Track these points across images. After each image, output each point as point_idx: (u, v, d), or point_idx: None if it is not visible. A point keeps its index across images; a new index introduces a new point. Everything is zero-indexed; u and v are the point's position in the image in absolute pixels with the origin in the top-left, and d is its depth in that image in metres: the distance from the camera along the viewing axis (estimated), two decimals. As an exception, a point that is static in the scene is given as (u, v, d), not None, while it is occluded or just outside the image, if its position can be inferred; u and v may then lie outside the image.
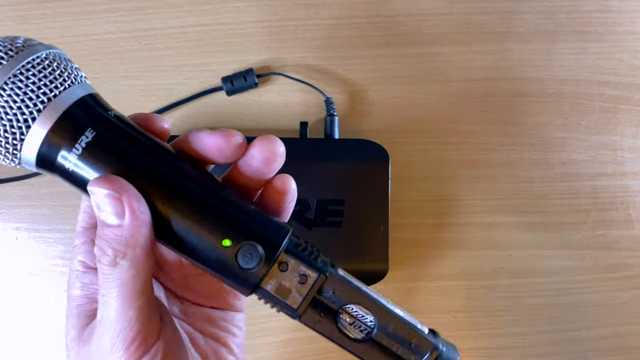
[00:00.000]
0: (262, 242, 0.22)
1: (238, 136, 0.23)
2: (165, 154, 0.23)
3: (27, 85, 0.21)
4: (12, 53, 0.21)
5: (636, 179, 0.48)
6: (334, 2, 0.47)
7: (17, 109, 0.21)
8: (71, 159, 0.21)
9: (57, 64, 0.22)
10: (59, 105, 0.21)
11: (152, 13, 0.47)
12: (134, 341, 0.22)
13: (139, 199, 0.21)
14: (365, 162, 0.44)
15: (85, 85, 0.23)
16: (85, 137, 0.21)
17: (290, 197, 0.25)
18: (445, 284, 0.47)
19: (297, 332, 0.46)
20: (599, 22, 0.48)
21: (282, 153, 0.24)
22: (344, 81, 0.47)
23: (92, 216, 0.25)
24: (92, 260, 0.25)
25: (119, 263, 0.22)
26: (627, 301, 0.48)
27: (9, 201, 0.46)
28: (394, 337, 0.23)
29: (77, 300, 0.25)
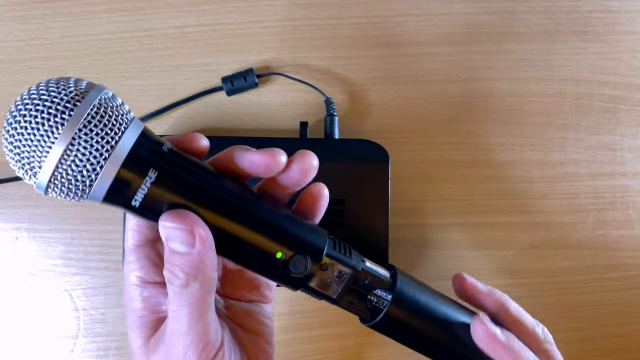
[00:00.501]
0: (308, 251, 0.26)
1: (284, 155, 0.26)
2: (217, 179, 0.26)
3: (92, 137, 0.22)
4: (71, 105, 0.22)
5: (636, 179, 0.48)
6: (334, 2, 0.47)
7: (86, 161, 0.22)
8: (138, 197, 0.24)
9: (110, 109, 0.23)
10: (121, 152, 0.23)
11: (152, 13, 0.47)
12: (204, 351, 0.25)
13: (205, 229, 0.24)
14: (365, 162, 0.44)
15: (135, 123, 0.24)
16: (150, 178, 0.23)
17: (324, 202, 0.29)
18: (445, 284, 0.47)
19: (297, 332, 0.46)
20: (599, 22, 0.48)
21: (316, 166, 0.28)
22: (344, 81, 0.47)
23: (142, 234, 0.27)
24: (149, 275, 0.27)
25: (190, 285, 0.24)
26: (627, 301, 0.48)
27: (9, 201, 0.46)
28: None
29: (138, 312, 0.27)
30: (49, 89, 0.22)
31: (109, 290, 0.46)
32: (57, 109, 0.22)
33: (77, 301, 0.46)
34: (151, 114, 0.46)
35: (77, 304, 0.46)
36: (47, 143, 0.22)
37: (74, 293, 0.46)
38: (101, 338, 0.46)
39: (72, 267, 0.46)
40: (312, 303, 0.46)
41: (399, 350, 0.46)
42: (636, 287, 0.48)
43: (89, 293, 0.46)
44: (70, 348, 0.46)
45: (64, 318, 0.46)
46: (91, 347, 0.46)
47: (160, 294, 0.27)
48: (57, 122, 0.22)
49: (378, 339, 0.46)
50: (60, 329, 0.46)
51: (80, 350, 0.46)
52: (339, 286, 0.28)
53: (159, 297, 0.27)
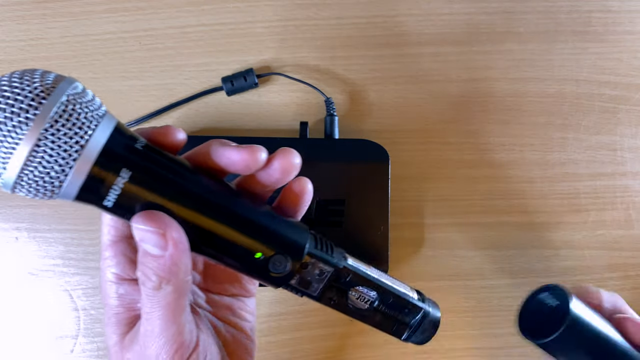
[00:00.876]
0: (288, 251, 0.26)
1: (264, 152, 0.25)
2: (194, 176, 0.25)
3: (60, 137, 0.21)
4: (36, 103, 0.20)
5: (636, 179, 0.48)
6: (334, 2, 0.47)
7: (53, 161, 0.21)
8: (110, 198, 0.22)
9: (79, 105, 0.21)
10: (92, 151, 0.21)
11: (152, 13, 0.47)
12: (177, 352, 0.25)
13: (178, 231, 0.23)
14: (365, 162, 0.44)
15: (108, 118, 0.23)
16: (122, 178, 0.22)
17: (307, 198, 0.28)
18: (445, 284, 0.47)
19: (297, 332, 0.46)
20: (599, 22, 0.48)
21: (298, 164, 0.26)
22: (344, 81, 0.47)
23: (118, 229, 0.27)
24: (125, 272, 0.27)
25: (163, 287, 0.24)
26: (627, 301, 0.47)
27: (9, 201, 0.46)
28: (392, 307, 0.29)
29: (114, 309, 0.27)
30: (12, 84, 0.21)
31: (109, 290, 0.46)
32: (21, 107, 0.20)
33: (77, 301, 0.46)
34: (151, 114, 0.46)
35: (77, 304, 0.46)
36: (10, 144, 0.20)
37: (74, 293, 0.46)
38: (101, 338, 0.46)
39: (72, 267, 0.46)
40: (312, 303, 0.46)
41: (400, 350, 0.46)
42: (636, 287, 0.48)
43: (89, 293, 0.46)
44: (70, 348, 0.46)
45: (64, 318, 0.46)
46: (91, 347, 0.46)
47: (136, 291, 0.26)
48: (21, 122, 0.20)
49: (378, 338, 0.46)
50: (60, 329, 0.46)
51: (80, 350, 0.46)
52: (320, 284, 0.27)
53: (135, 294, 0.27)
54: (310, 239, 0.27)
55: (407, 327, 0.30)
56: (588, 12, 0.48)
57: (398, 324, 0.30)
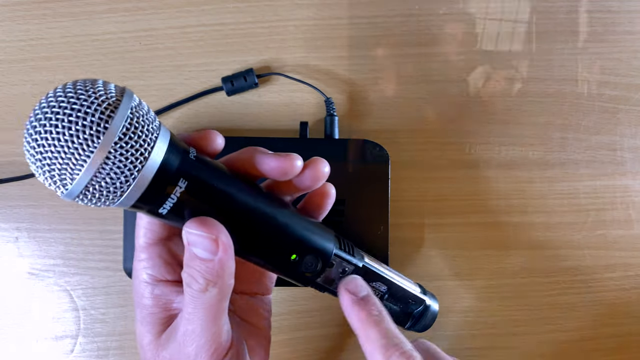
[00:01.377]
0: (318, 253, 0.28)
1: (300, 160, 0.27)
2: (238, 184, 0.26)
3: (128, 150, 0.21)
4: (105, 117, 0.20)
5: (636, 179, 0.48)
6: (333, 2, 0.47)
7: (120, 173, 0.21)
8: (167, 206, 0.24)
9: (141, 118, 0.22)
10: (154, 163, 0.22)
11: (153, 13, 0.47)
12: (216, 351, 0.26)
13: (227, 237, 0.25)
14: (365, 162, 0.44)
15: (163, 130, 0.23)
16: (180, 188, 0.23)
17: (330, 202, 0.31)
18: (445, 284, 0.47)
19: (297, 332, 0.46)
20: (599, 22, 0.48)
21: (328, 173, 0.29)
22: (344, 81, 0.47)
23: (155, 232, 0.28)
24: (160, 273, 0.28)
25: (209, 290, 0.25)
26: (627, 301, 0.48)
27: (9, 201, 0.46)
28: (399, 299, 0.33)
29: (149, 309, 0.28)
30: (79, 96, 0.20)
31: (109, 290, 0.46)
32: (92, 121, 0.20)
33: (77, 301, 0.46)
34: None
35: (77, 304, 0.46)
36: (81, 157, 0.20)
37: (74, 293, 0.46)
38: (101, 338, 0.46)
39: (72, 267, 0.46)
40: (312, 303, 0.46)
41: (399, 350, 0.46)
42: (636, 287, 0.48)
43: (89, 293, 0.46)
44: (70, 348, 0.46)
45: (64, 318, 0.46)
46: (91, 347, 0.46)
47: (171, 292, 0.28)
48: (92, 136, 0.20)
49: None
50: (60, 329, 0.46)
51: (80, 350, 0.46)
52: (340, 281, 0.30)
53: (170, 295, 0.28)
54: (335, 240, 0.30)
55: (410, 316, 0.34)
56: (588, 12, 0.48)
57: (403, 314, 0.34)
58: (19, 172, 0.46)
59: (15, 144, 0.46)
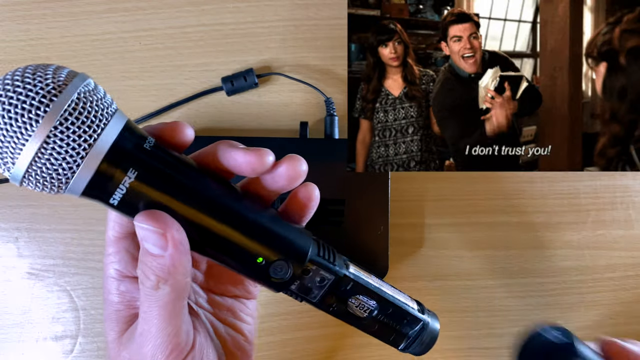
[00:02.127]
0: (290, 257, 0.26)
1: (270, 156, 0.25)
2: (199, 177, 0.25)
3: (69, 135, 0.21)
4: (47, 100, 0.21)
5: (636, 179, 0.48)
6: (333, 2, 0.47)
7: (61, 159, 0.21)
8: (116, 197, 0.23)
9: (90, 103, 0.22)
10: (101, 149, 0.22)
11: (153, 13, 0.47)
12: (172, 352, 0.25)
13: (179, 231, 0.23)
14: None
15: (118, 116, 0.23)
16: (129, 178, 0.22)
17: (313, 205, 0.28)
18: (445, 284, 0.47)
19: (297, 332, 0.46)
20: (599, 22, 0.48)
21: (305, 171, 0.26)
22: (344, 81, 0.47)
23: (123, 226, 0.27)
24: (127, 269, 0.27)
25: (161, 287, 0.24)
26: (627, 301, 0.48)
27: (9, 201, 0.46)
28: (391, 317, 0.29)
29: (114, 305, 0.27)
30: (24, 79, 0.21)
31: (109, 290, 0.46)
32: (32, 104, 0.20)
33: (77, 301, 0.46)
34: (151, 114, 0.46)
35: (77, 304, 0.46)
36: (20, 140, 0.20)
37: (74, 293, 0.46)
38: (101, 338, 0.46)
39: (72, 267, 0.46)
40: (312, 303, 0.46)
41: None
42: (636, 287, 0.48)
43: (89, 293, 0.46)
44: (70, 348, 0.46)
45: (64, 318, 0.46)
46: (91, 347, 0.46)
47: (137, 289, 0.26)
48: (32, 119, 0.20)
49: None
50: (60, 329, 0.46)
51: (80, 350, 0.46)
52: (320, 291, 0.27)
53: (135, 292, 0.27)
54: (313, 245, 0.27)
55: (405, 337, 0.30)
56: (588, 12, 0.48)
57: (396, 334, 0.30)
58: (19, 172, 0.45)
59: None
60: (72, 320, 0.46)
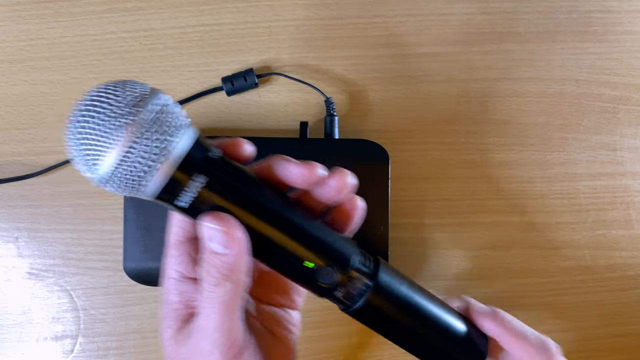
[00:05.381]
0: (336, 264, 0.27)
1: (321, 169, 0.27)
2: (257, 186, 0.27)
3: (153, 140, 0.24)
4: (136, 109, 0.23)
5: (636, 179, 0.48)
6: (333, 2, 0.47)
7: (144, 161, 0.24)
8: (186, 200, 0.25)
9: (169, 114, 0.24)
10: (177, 156, 0.24)
11: (153, 13, 0.47)
12: (230, 349, 0.26)
13: (242, 232, 0.25)
14: (365, 162, 0.44)
15: (191, 130, 0.25)
16: (200, 183, 0.25)
17: (358, 215, 0.30)
18: (445, 284, 0.47)
19: (297, 332, 0.46)
20: (599, 23, 0.48)
21: (352, 184, 0.28)
22: (344, 81, 0.47)
23: (185, 231, 0.28)
24: (188, 271, 0.28)
25: (223, 284, 0.25)
26: (627, 301, 0.48)
27: (9, 201, 0.46)
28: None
29: (174, 305, 0.28)
30: (116, 90, 0.24)
31: (109, 290, 0.46)
32: (124, 110, 0.23)
33: (77, 301, 0.46)
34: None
35: (77, 304, 0.46)
36: (110, 142, 0.23)
37: (74, 293, 0.46)
38: (101, 338, 0.46)
39: (72, 267, 0.46)
40: (312, 303, 0.46)
41: (400, 350, 0.46)
42: (636, 287, 0.48)
43: (89, 293, 0.46)
44: (70, 348, 0.46)
45: (64, 318, 0.46)
46: (91, 347, 0.46)
47: (195, 290, 0.28)
48: (121, 124, 0.23)
49: (378, 338, 0.46)
50: (60, 329, 0.46)
51: (80, 350, 0.46)
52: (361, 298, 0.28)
53: (193, 292, 0.28)
54: (357, 254, 0.28)
55: None
56: (588, 12, 0.48)
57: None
58: (19, 172, 0.46)
59: (16, 144, 0.46)
60: (72, 320, 0.46)
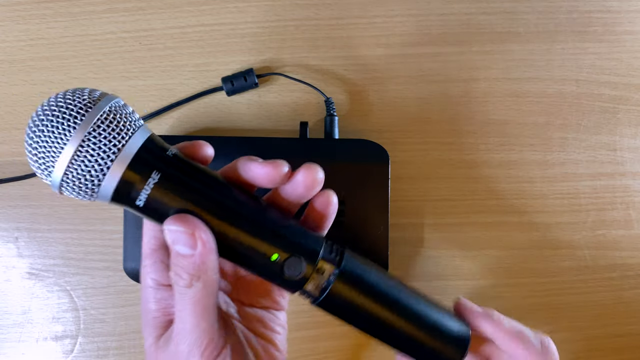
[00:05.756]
0: (303, 255, 0.27)
1: (285, 166, 0.27)
2: (219, 185, 0.27)
3: (101, 140, 0.24)
4: (83, 112, 0.24)
5: (636, 179, 0.48)
6: (333, 2, 0.47)
7: (94, 161, 0.24)
8: (142, 197, 0.25)
9: (119, 115, 0.25)
10: (127, 154, 0.25)
11: (153, 13, 0.47)
12: (207, 348, 0.26)
13: (206, 232, 0.25)
14: (365, 162, 0.44)
15: (143, 129, 0.26)
16: (153, 179, 0.25)
17: (331, 211, 0.29)
18: (445, 284, 0.47)
19: (297, 332, 0.46)
20: (599, 23, 0.48)
21: (322, 179, 0.28)
22: (344, 81, 0.47)
23: (158, 239, 0.28)
24: (163, 278, 0.28)
25: (194, 285, 0.26)
26: (627, 301, 0.48)
27: (9, 201, 0.46)
28: None
29: (152, 313, 0.29)
30: (65, 97, 0.25)
31: (109, 290, 0.46)
32: (70, 114, 0.24)
33: (77, 301, 0.46)
34: (151, 114, 0.46)
35: (77, 304, 0.46)
36: (59, 144, 0.24)
37: (74, 293, 0.46)
38: (101, 338, 0.46)
39: (72, 267, 0.46)
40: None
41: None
42: (636, 287, 0.48)
43: (89, 293, 0.46)
44: (70, 348, 0.46)
45: (64, 318, 0.46)
46: (91, 347, 0.46)
47: (171, 296, 0.28)
48: (70, 126, 0.24)
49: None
50: (60, 329, 0.46)
51: (80, 350, 0.46)
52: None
53: (170, 299, 0.28)
54: (326, 245, 0.28)
55: None
56: (588, 12, 0.48)
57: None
58: (19, 172, 0.46)
59: (16, 144, 0.46)
60: (72, 320, 0.46)
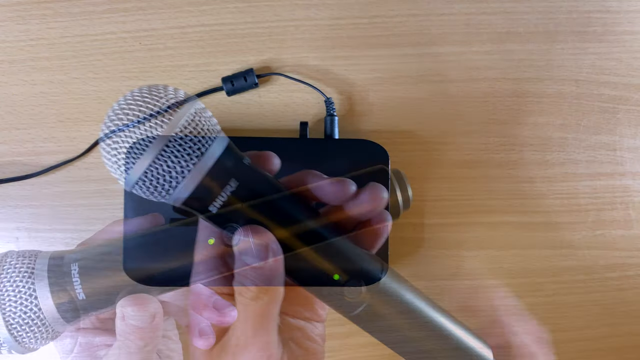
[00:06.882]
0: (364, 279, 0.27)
1: (353, 185, 0.27)
2: (288, 198, 0.27)
3: (186, 142, 0.23)
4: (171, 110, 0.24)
5: (636, 179, 0.48)
6: (333, 2, 0.47)
7: (176, 163, 0.23)
8: (216, 204, 0.25)
9: (202, 121, 0.24)
10: (209, 160, 0.24)
11: (153, 13, 0.47)
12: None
13: (277, 245, 0.25)
14: (365, 162, 0.44)
15: (221, 136, 0.25)
16: (230, 187, 0.25)
17: (385, 231, 0.29)
18: (445, 284, 0.47)
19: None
20: (598, 23, 0.48)
21: (386, 199, 0.28)
22: (344, 81, 0.47)
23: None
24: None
25: (260, 297, 0.25)
26: (626, 301, 0.48)
27: (9, 201, 0.46)
28: None
29: None
30: (151, 92, 0.24)
31: (109, 290, 0.46)
32: (159, 112, 0.24)
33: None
34: (151, 114, 0.46)
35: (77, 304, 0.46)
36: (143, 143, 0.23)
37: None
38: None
39: (72, 267, 0.46)
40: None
41: (399, 350, 0.46)
42: (635, 287, 0.48)
43: (89, 293, 0.46)
44: (71, 348, 0.46)
45: (64, 318, 0.46)
46: (91, 347, 0.46)
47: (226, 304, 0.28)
48: (157, 124, 0.23)
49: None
50: (60, 329, 0.46)
51: (80, 350, 0.46)
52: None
53: None
54: (384, 269, 0.28)
55: None
56: (587, 12, 0.48)
57: None
58: (19, 172, 0.46)
59: (16, 144, 0.46)
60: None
